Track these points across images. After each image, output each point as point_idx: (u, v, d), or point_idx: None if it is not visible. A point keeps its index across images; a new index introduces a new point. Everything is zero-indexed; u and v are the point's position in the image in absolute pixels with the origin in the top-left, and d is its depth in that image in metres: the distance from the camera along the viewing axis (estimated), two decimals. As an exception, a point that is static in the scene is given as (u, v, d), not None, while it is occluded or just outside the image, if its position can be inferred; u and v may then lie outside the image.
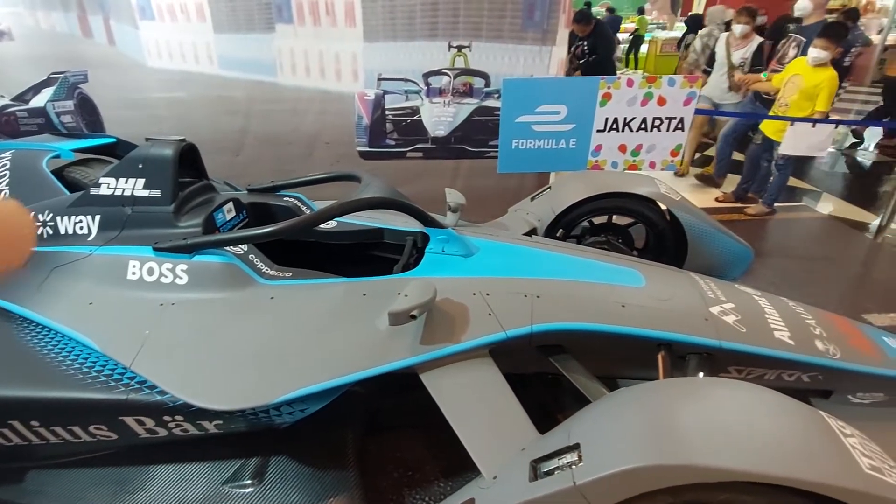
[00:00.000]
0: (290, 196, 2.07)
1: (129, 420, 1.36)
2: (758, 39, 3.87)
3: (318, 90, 3.46)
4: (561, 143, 3.01)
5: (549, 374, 1.55)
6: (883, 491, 0.80)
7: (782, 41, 3.98)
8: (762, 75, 3.76)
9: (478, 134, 3.30)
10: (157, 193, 1.64)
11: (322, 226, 1.99)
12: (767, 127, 3.34)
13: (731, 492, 0.86)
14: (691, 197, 2.36)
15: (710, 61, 4.26)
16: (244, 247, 1.62)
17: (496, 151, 3.03)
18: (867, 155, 5.13)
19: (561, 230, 2.31)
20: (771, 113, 3.32)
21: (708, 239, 2.18)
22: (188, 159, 1.79)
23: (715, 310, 1.53)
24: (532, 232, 2.25)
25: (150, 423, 1.37)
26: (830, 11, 5.88)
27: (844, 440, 0.89)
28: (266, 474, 1.45)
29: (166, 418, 1.35)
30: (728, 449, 0.84)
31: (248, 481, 1.44)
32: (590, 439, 0.98)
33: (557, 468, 0.96)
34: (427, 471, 1.59)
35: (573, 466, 0.94)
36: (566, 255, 1.73)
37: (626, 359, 1.60)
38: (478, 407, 1.26)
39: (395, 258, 1.77)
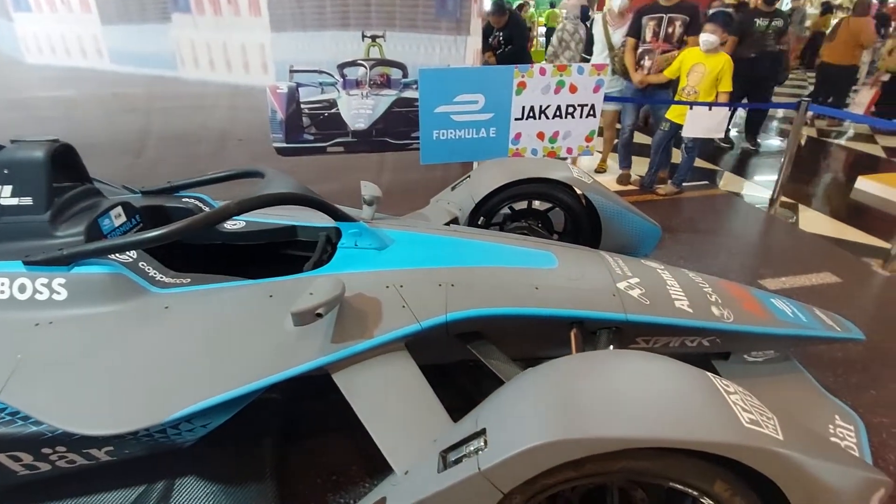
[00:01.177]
0: (190, 197, 1.92)
1: (2, 457, 1.20)
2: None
3: (225, 84, 3.25)
4: (481, 133, 3.03)
5: (471, 362, 1.55)
6: (759, 442, 0.86)
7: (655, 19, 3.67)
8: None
9: (399, 126, 3.25)
10: (27, 201, 1.46)
11: (229, 226, 1.88)
12: (673, 113, 3.56)
13: (628, 459, 0.89)
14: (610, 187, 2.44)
15: (589, 48, 4.31)
16: (133, 254, 1.48)
17: (419, 143, 3.00)
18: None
19: (482, 218, 2.32)
20: (677, 99, 3.54)
21: (619, 219, 2.28)
22: (65, 162, 1.61)
23: (622, 285, 1.60)
24: (454, 221, 2.25)
25: (27, 458, 1.21)
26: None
27: (727, 398, 0.95)
28: (171, 498, 1.34)
29: (46, 451, 1.21)
30: (620, 418, 0.87)
31: (152, 509, 1.32)
32: (494, 423, 0.97)
33: (465, 455, 0.95)
34: (352, 473, 1.54)
35: (479, 452, 0.93)
36: (482, 241, 1.73)
37: (543, 339, 1.63)
38: (391, 402, 1.23)
39: (311, 256, 1.69)
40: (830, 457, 0.94)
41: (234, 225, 1.89)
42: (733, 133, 5.56)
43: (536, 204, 2.43)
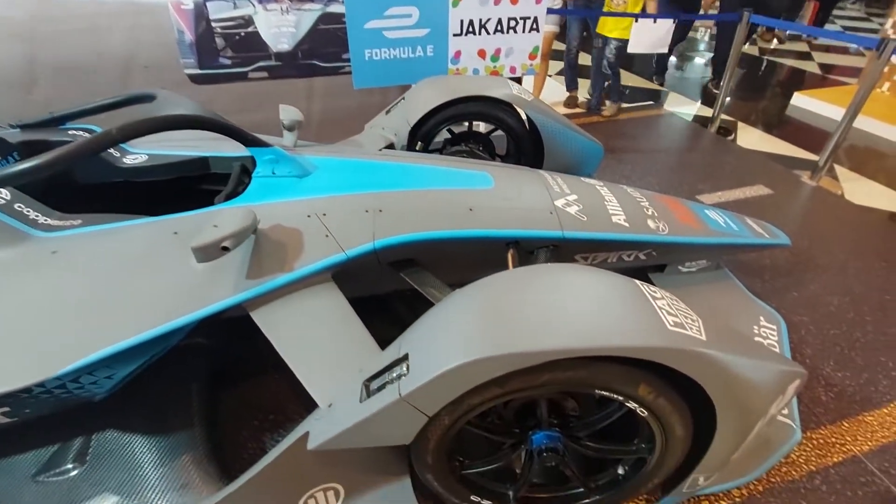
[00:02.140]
0: (77, 129, 1.67)
1: None
2: None
3: (121, 2, 2.81)
4: (418, 51, 2.80)
5: (408, 291, 1.49)
6: (681, 344, 0.85)
7: None
8: None
9: (328, 46, 2.94)
10: None
11: (129, 161, 1.66)
12: (606, 28, 3.42)
13: (552, 371, 0.86)
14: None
15: None
16: (6, 195, 1.27)
17: (351, 66, 2.74)
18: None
19: (419, 143, 2.18)
20: (606, 10, 3.39)
21: (561, 138, 2.20)
22: None
23: (559, 203, 1.54)
24: (389, 147, 2.10)
25: None
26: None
27: (654, 303, 0.92)
28: (90, 454, 1.25)
29: (-75, 418, 1.07)
30: (542, 331, 0.83)
31: (70, 466, 1.23)
32: (417, 347, 0.92)
33: (387, 383, 0.90)
34: (289, 411, 1.50)
35: (401, 378, 0.88)
36: (413, 164, 1.61)
37: (480, 263, 1.58)
38: (314, 336, 1.15)
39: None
40: (750, 353, 0.96)
41: (134, 159, 1.67)
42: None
43: (478, 126, 2.30)
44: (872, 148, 3.43)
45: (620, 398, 0.92)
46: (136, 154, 1.70)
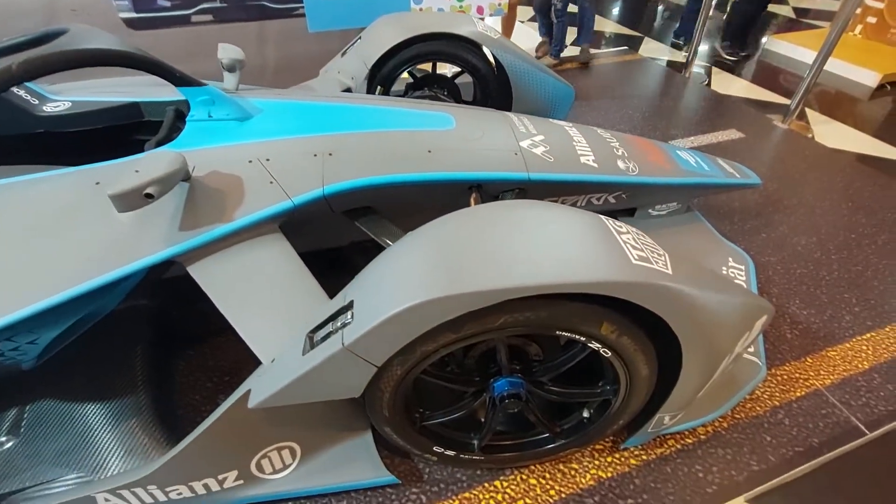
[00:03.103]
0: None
1: None
2: None
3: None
4: (377, -11, 2.60)
5: (369, 243, 1.40)
6: (645, 277, 0.79)
7: None
8: None
9: (278, -15, 2.70)
10: None
11: (50, 109, 1.49)
12: None
13: (509, 312, 0.80)
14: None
15: None
16: None
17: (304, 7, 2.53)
18: None
19: (379, 87, 2.03)
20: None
21: (530, 79, 2.08)
22: None
23: (525, 143, 1.45)
24: (346, 92, 1.95)
25: None
26: None
27: (618, 237, 0.86)
28: (23, 425, 1.16)
29: None
30: (495, 269, 0.76)
31: (3, 439, 1.14)
32: (363, 293, 0.84)
33: (331, 333, 0.82)
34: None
35: (345, 327, 0.80)
36: (367, 106, 1.49)
37: (441, 209, 1.48)
38: (258, 290, 1.06)
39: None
40: (718, 288, 0.91)
41: (56, 107, 1.50)
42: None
43: (442, 70, 2.16)
44: (843, 91, 3.40)
45: (583, 339, 0.87)
46: (58, 101, 1.52)
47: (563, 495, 1.16)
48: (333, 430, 1.12)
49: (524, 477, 1.19)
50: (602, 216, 0.91)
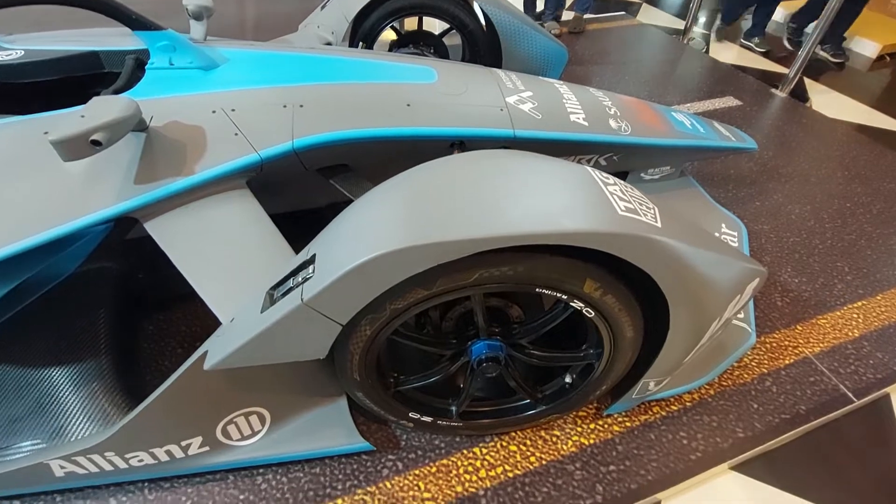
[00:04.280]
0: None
1: None
2: None
3: None
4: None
5: (346, 203, 1.32)
6: (633, 229, 0.73)
7: None
8: None
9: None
10: None
11: (1, 58, 1.38)
12: None
13: (485, 266, 0.74)
14: None
15: None
16: None
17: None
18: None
19: (361, 43, 1.93)
20: None
21: (521, 38, 1.98)
22: None
23: (511, 99, 1.37)
24: (326, 48, 1.84)
25: None
26: None
27: (604, 188, 0.80)
28: (-26, 390, 1.09)
29: None
30: (470, 218, 0.69)
31: (-49, 405, 1.08)
32: (326, 247, 0.77)
33: (291, 288, 0.76)
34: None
35: (306, 282, 0.74)
36: (342, 57, 1.39)
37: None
38: (220, 247, 0.99)
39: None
40: (709, 246, 0.85)
41: (7, 56, 1.39)
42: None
43: (432, 27, 2.05)
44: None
45: (565, 297, 0.81)
46: (9, 49, 1.41)
47: (544, 461, 1.12)
48: (305, 396, 1.07)
49: (504, 444, 1.15)
50: (588, 167, 0.85)
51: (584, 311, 0.84)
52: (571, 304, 0.82)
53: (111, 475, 1.00)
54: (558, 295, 0.80)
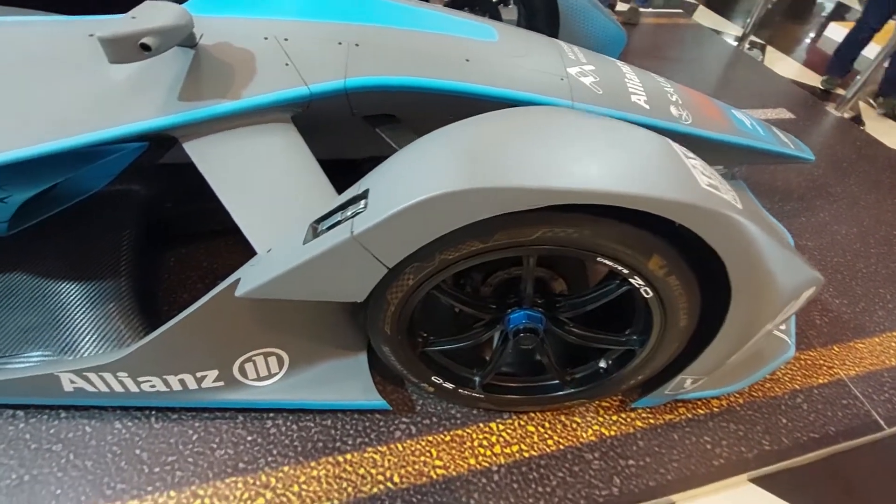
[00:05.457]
0: None
1: None
2: None
3: None
4: None
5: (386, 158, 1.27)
6: (719, 206, 0.67)
7: None
8: None
9: None
10: None
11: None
12: None
13: (549, 224, 0.69)
14: None
15: None
16: None
17: None
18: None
19: None
20: None
21: (581, 14, 1.89)
22: None
23: (573, 70, 1.30)
24: None
25: None
26: None
27: (685, 160, 0.74)
28: (-5, 294, 1.07)
29: None
30: (546, 167, 0.64)
31: (-34, 309, 1.05)
32: (381, 182, 0.72)
33: (339, 221, 0.71)
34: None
35: (356, 216, 0.69)
36: (402, 3, 1.32)
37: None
38: (262, 178, 0.94)
39: None
40: (781, 241, 0.80)
41: None
42: None
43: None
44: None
45: (625, 271, 0.75)
46: None
47: (562, 446, 1.08)
48: (327, 345, 1.03)
49: (522, 423, 1.11)
50: (667, 139, 0.79)
51: (641, 290, 0.78)
52: (630, 280, 0.77)
53: (120, 397, 0.97)
54: (619, 268, 0.75)
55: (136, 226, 1.24)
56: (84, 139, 0.87)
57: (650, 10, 3.53)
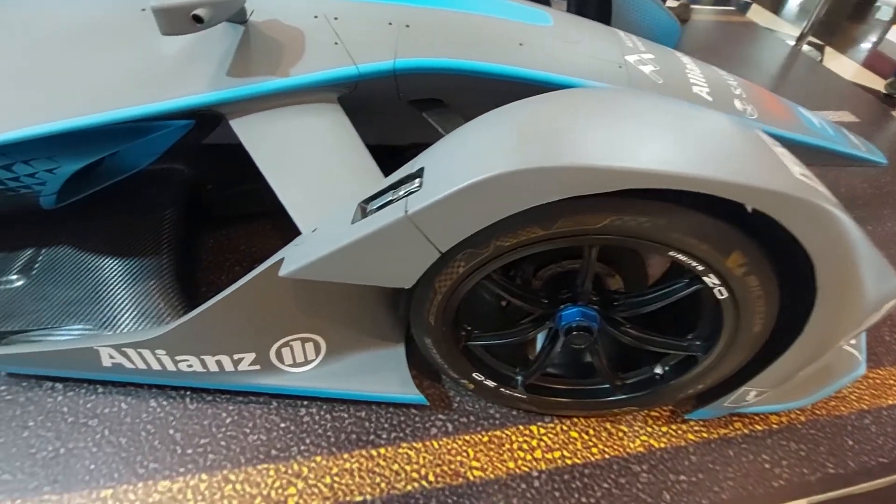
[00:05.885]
0: None
1: None
2: None
3: None
4: None
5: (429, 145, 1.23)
6: (815, 197, 0.60)
7: None
8: None
9: None
10: None
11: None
12: None
13: (618, 212, 0.63)
14: None
15: None
16: None
17: None
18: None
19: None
20: None
21: (635, 4, 1.81)
22: None
23: (631, 58, 1.23)
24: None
25: None
26: None
27: (773, 148, 0.66)
28: (36, 267, 1.07)
29: None
30: (621, 147, 0.58)
31: (14, 276, 1.07)
32: (438, 161, 0.68)
33: (392, 200, 0.67)
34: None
35: (411, 195, 0.64)
36: (455, -15, 1.27)
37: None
38: (308, 158, 0.91)
39: None
40: (871, 244, 0.72)
41: None
42: None
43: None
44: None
45: (699, 267, 0.69)
46: None
47: (607, 456, 1.01)
48: (364, 335, 0.99)
49: (564, 428, 1.05)
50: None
51: (714, 290, 0.71)
52: (704, 278, 0.70)
53: (157, 375, 0.96)
54: (693, 264, 0.68)
55: (178, 205, 1.23)
56: (133, 112, 0.86)
57: (701, 6, 3.39)
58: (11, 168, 0.90)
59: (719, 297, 0.72)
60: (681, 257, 0.67)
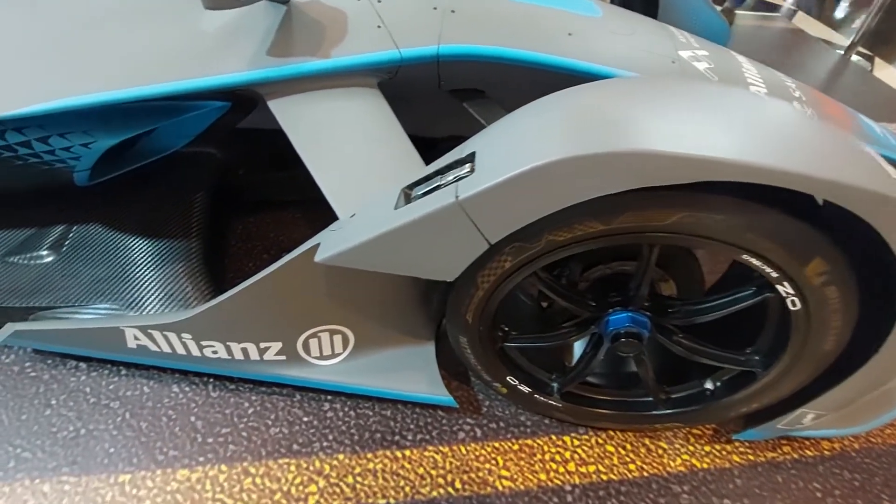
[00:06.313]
0: None
1: None
2: None
3: None
4: None
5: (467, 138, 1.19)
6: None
7: None
8: None
9: None
10: None
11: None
12: None
13: (690, 208, 0.57)
14: None
15: None
16: None
17: None
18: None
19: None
20: None
21: (684, 2, 1.74)
22: None
23: (685, 54, 1.16)
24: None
25: None
26: None
27: (864, 149, 0.60)
28: (66, 244, 1.06)
29: None
30: (700, 136, 0.52)
31: (44, 252, 1.06)
32: (490, 145, 0.63)
33: (440, 186, 0.62)
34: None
35: (460, 180, 0.60)
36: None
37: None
38: (347, 142, 0.88)
39: None
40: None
41: None
42: None
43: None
44: None
45: (774, 274, 0.62)
46: None
47: (646, 474, 0.95)
48: (394, 330, 0.95)
49: (600, 441, 0.99)
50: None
51: (787, 300, 0.65)
52: (779, 286, 0.64)
53: (181, 360, 0.93)
54: (767, 269, 0.62)
55: (209, 189, 1.21)
56: (171, 87, 0.84)
57: (746, 12, 3.28)
58: (47, 140, 0.89)
59: (791, 308, 0.65)
60: (754, 261, 0.61)
